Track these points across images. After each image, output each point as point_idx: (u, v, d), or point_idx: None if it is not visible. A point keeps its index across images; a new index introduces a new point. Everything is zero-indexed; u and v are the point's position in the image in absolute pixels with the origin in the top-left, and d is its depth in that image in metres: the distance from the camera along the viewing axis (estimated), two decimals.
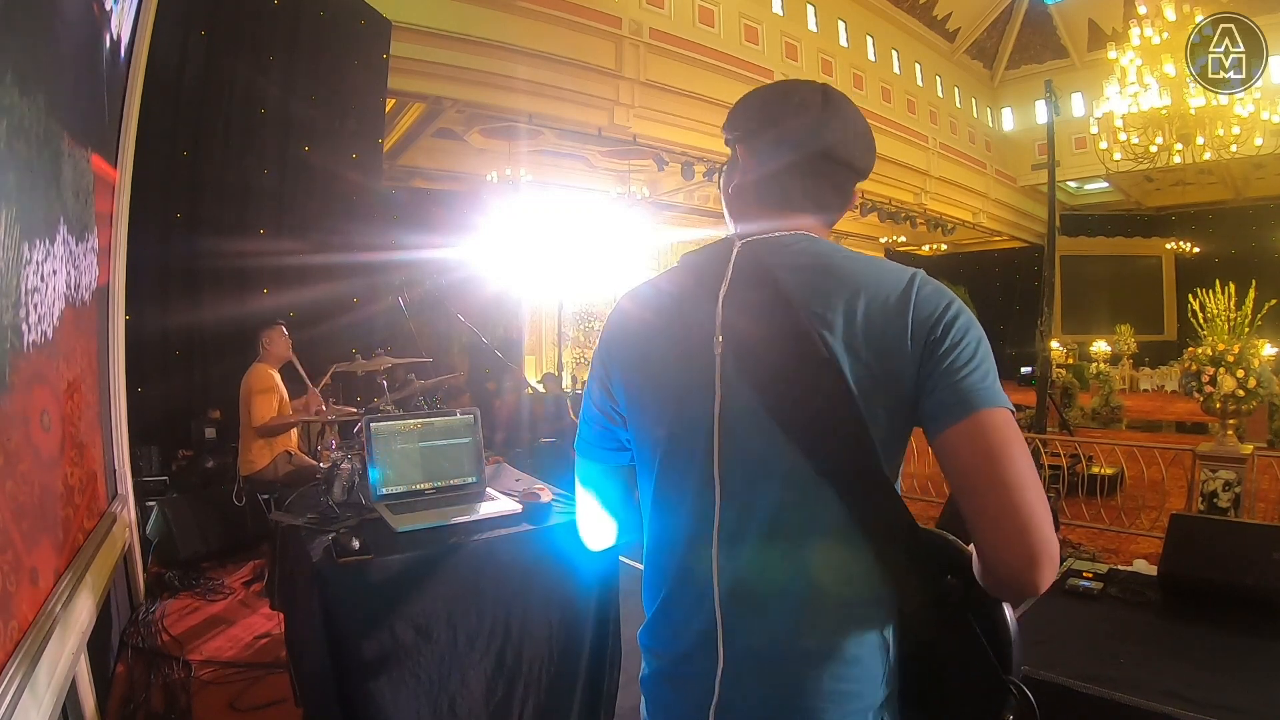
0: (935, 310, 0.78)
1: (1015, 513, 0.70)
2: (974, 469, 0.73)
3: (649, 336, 0.89)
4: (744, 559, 0.82)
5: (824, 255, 0.84)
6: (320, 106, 5.46)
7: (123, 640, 2.92)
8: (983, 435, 0.73)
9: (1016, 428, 0.76)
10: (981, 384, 0.75)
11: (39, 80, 1.65)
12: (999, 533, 0.71)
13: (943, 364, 0.76)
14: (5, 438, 1.39)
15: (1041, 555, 0.70)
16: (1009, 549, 0.71)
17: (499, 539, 1.91)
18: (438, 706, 1.76)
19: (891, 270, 0.82)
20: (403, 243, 6.33)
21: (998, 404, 0.75)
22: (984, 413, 0.74)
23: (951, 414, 0.75)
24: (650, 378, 0.88)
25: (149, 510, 3.79)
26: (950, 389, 0.75)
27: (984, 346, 0.78)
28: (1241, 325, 4.29)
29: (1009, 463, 0.72)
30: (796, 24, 10.90)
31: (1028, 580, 0.71)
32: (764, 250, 0.85)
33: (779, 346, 0.79)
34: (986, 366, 0.77)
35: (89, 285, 2.39)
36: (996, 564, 0.72)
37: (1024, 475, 0.72)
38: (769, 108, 0.90)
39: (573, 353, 12.18)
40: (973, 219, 14.97)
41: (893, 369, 0.77)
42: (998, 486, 0.71)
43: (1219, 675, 1.46)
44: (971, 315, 0.80)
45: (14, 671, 1.31)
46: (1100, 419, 10.63)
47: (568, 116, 8.16)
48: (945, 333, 0.77)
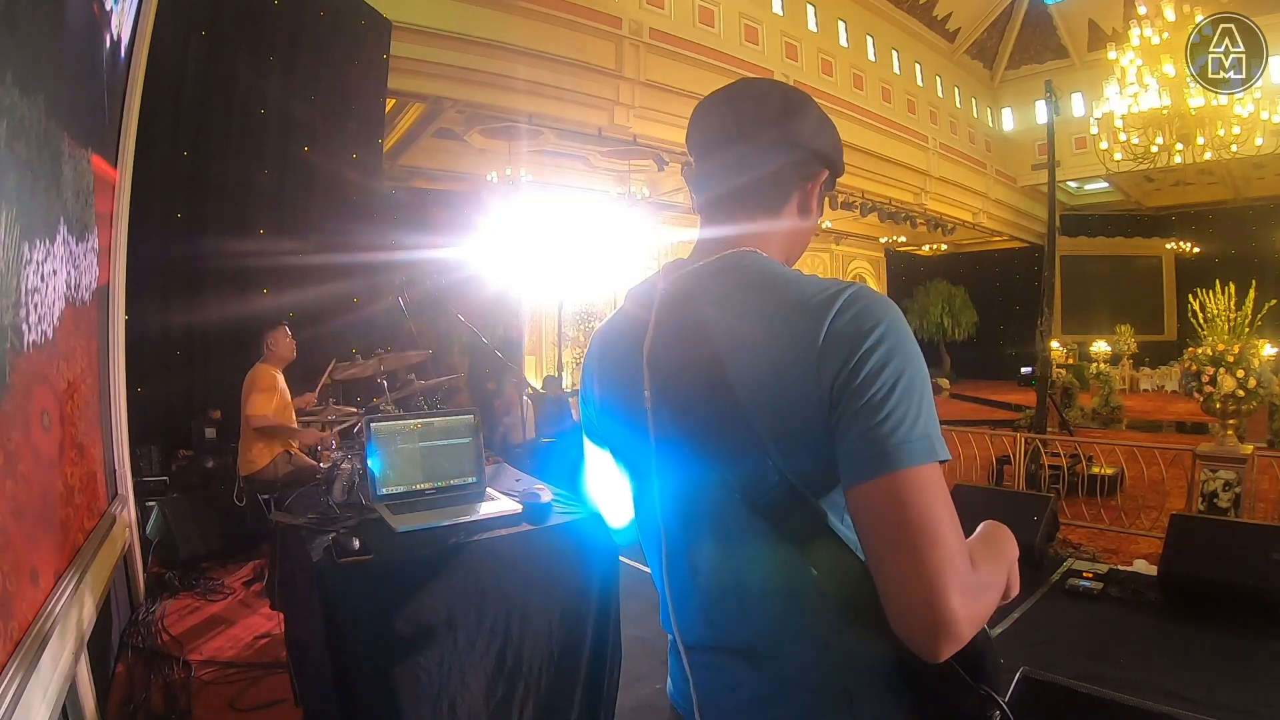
0: (851, 341, 0.68)
1: (920, 585, 0.63)
2: (882, 533, 0.66)
3: (604, 380, 0.91)
4: (686, 604, 0.83)
5: (749, 284, 0.78)
6: (320, 106, 5.46)
7: (123, 640, 2.92)
8: (894, 499, 0.65)
9: (940, 488, 0.66)
10: (895, 435, 0.65)
11: (39, 80, 1.65)
12: (900, 600, 0.65)
13: (852, 406, 0.67)
14: (5, 438, 1.39)
15: (940, 632, 0.63)
16: (907, 618, 0.65)
17: (499, 539, 1.91)
18: (438, 706, 1.76)
19: (814, 295, 0.72)
20: (403, 243, 6.34)
21: (915, 461, 0.65)
22: (898, 475, 0.65)
23: (860, 470, 0.66)
24: (609, 419, 0.91)
25: (149, 510, 3.79)
26: (862, 440, 0.66)
27: (909, 382, 0.67)
28: (1241, 325, 4.29)
29: (920, 533, 0.64)
30: (796, 24, 10.91)
31: (922, 650, 0.65)
32: (687, 285, 0.82)
33: (698, 400, 0.76)
34: (907, 409, 0.66)
35: (89, 285, 2.39)
36: (899, 632, 0.66)
37: (938, 549, 0.64)
38: (694, 127, 0.86)
39: (572, 353, 12.18)
40: (973, 219, 14.98)
41: (806, 416, 0.70)
42: (906, 556, 0.64)
43: (1219, 675, 1.46)
44: (903, 341, 0.69)
45: (14, 672, 1.31)
46: (1100, 419, 10.64)
47: (568, 116, 8.17)
48: (859, 368, 0.67)
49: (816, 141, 0.83)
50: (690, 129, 0.86)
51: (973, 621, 0.65)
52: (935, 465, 0.66)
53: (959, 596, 0.63)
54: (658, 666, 2.74)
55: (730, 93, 0.84)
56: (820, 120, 0.84)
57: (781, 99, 0.82)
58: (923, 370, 0.69)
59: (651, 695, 2.53)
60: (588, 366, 0.96)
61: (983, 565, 0.71)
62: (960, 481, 4.88)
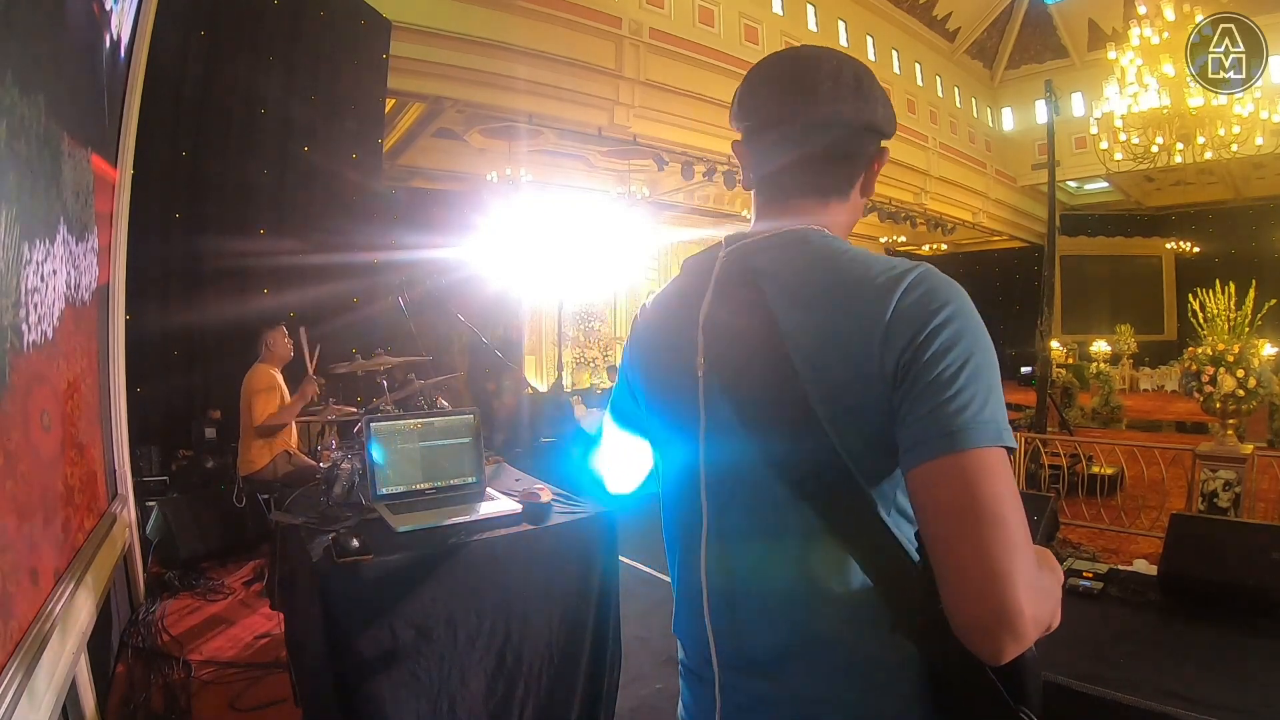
0: (918, 319, 0.66)
1: (984, 575, 0.59)
2: (945, 518, 0.62)
3: (653, 351, 0.89)
4: (725, 576, 0.80)
5: (814, 258, 0.75)
6: (320, 106, 5.46)
7: (123, 640, 2.92)
8: (960, 481, 0.61)
9: (1008, 475, 0.63)
10: (964, 414, 0.62)
11: (39, 80, 1.65)
12: (962, 592, 0.61)
13: (920, 382, 0.64)
14: (5, 438, 1.39)
15: (1003, 627, 0.59)
16: (968, 611, 0.60)
17: (499, 539, 1.91)
18: (438, 706, 1.76)
19: (882, 273, 0.70)
20: (403, 243, 6.33)
21: (983, 442, 0.62)
22: (965, 455, 0.61)
23: (924, 450, 0.63)
24: (654, 393, 0.89)
25: (149, 510, 3.79)
26: (927, 418, 0.63)
27: (978, 364, 0.65)
28: (1241, 325, 4.29)
29: (986, 521, 0.60)
30: (796, 24, 10.91)
31: (982, 650, 0.61)
32: (750, 255, 0.80)
33: (752, 364, 0.74)
34: (977, 390, 0.63)
35: (89, 285, 2.39)
36: (955, 623, 0.62)
37: (1004, 536, 0.59)
38: (750, 96, 0.82)
39: (573, 353, 12.18)
40: (973, 219, 14.98)
41: (861, 387, 0.67)
42: (970, 542, 0.60)
43: (1219, 675, 1.46)
44: (972, 322, 0.67)
45: (14, 671, 1.31)
46: (1100, 419, 10.63)
47: (568, 116, 8.16)
48: (926, 345, 0.64)
49: (885, 122, 0.81)
50: (748, 97, 0.82)
51: (1037, 623, 0.60)
52: (1003, 451, 0.63)
53: (1025, 590, 0.59)
54: (658, 666, 2.74)
55: (797, 65, 0.80)
56: (884, 96, 0.82)
57: (853, 78, 0.79)
58: (992, 355, 0.67)
59: (651, 695, 2.53)
60: (635, 335, 0.94)
61: (1046, 571, 0.67)
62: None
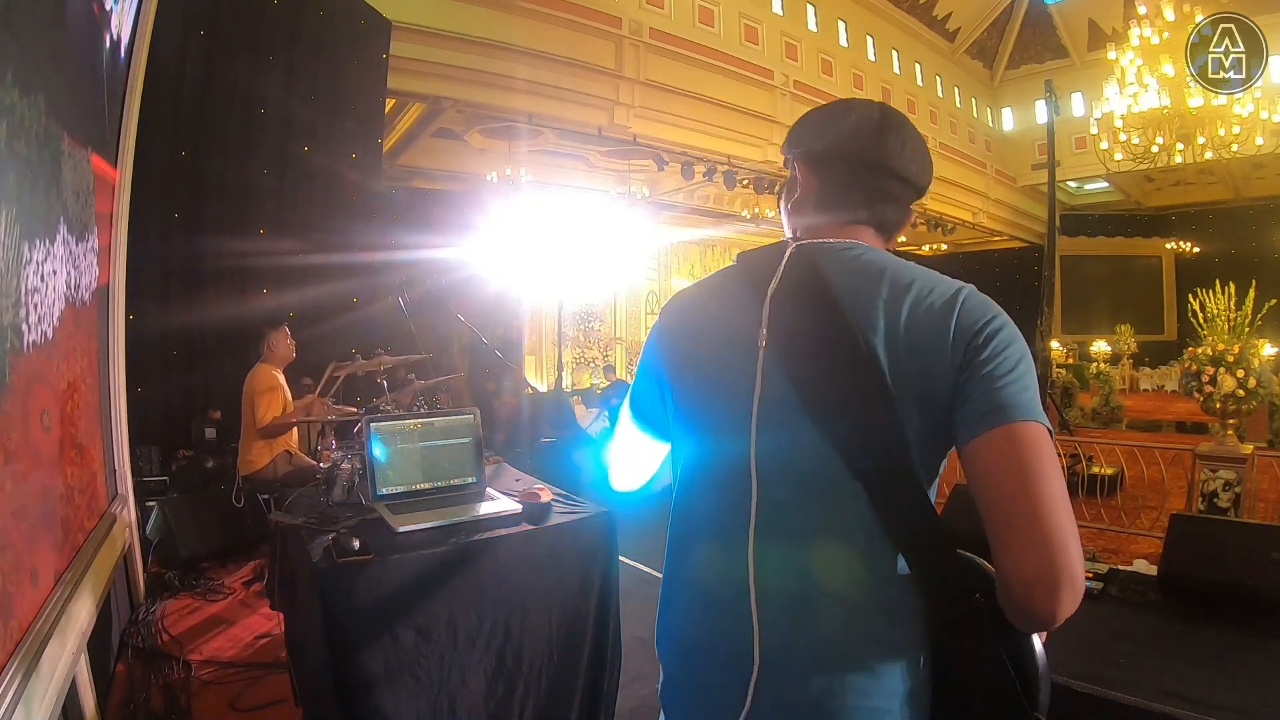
0: (980, 319, 0.78)
1: (1041, 528, 0.67)
2: (1002, 479, 0.71)
3: (698, 330, 0.92)
4: (778, 556, 0.80)
5: (875, 262, 0.85)
6: (320, 106, 5.46)
7: (123, 640, 2.92)
8: (1015, 446, 0.71)
9: (1052, 447, 0.73)
10: (1020, 396, 0.74)
11: (39, 80, 1.65)
12: (1022, 548, 0.68)
13: (981, 370, 0.75)
14: (5, 438, 1.39)
15: (1063, 578, 0.66)
16: (1029, 566, 0.67)
17: (499, 539, 1.91)
18: (438, 706, 1.76)
19: (941, 279, 0.83)
20: (403, 243, 6.33)
21: (1035, 418, 0.73)
22: (1019, 425, 0.72)
23: (984, 421, 0.73)
24: (697, 373, 0.90)
25: (149, 510, 3.79)
26: (986, 396, 0.74)
27: (1026, 362, 0.77)
28: (1241, 325, 4.29)
29: (1040, 478, 0.69)
30: (796, 24, 10.90)
31: (1043, 607, 0.67)
32: (816, 252, 0.87)
33: (821, 343, 0.80)
34: (1027, 381, 0.75)
35: (89, 285, 2.39)
36: (1015, 583, 0.69)
37: (1055, 493, 0.69)
38: (828, 125, 0.92)
39: (572, 353, 12.18)
40: (973, 219, 14.97)
41: (932, 371, 0.76)
42: (1025, 499, 0.69)
43: (1219, 675, 1.46)
44: (1017, 332, 0.79)
45: (14, 672, 1.31)
46: (1100, 419, 10.63)
47: (568, 116, 8.16)
48: (987, 342, 0.76)
49: (926, 187, 0.93)
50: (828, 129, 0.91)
51: (1083, 584, 0.67)
52: (1047, 430, 0.73)
53: (1076, 547, 0.67)
54: (657, 667, 2.74)
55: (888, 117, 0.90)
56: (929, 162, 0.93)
57: (923, 148, 0.91)
58: (1033, 362, 0.78)
59: (651, 695, 2.52)
60: (669, 322, 0.95)
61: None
62: (960, 482, 4.87)
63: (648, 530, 1.13)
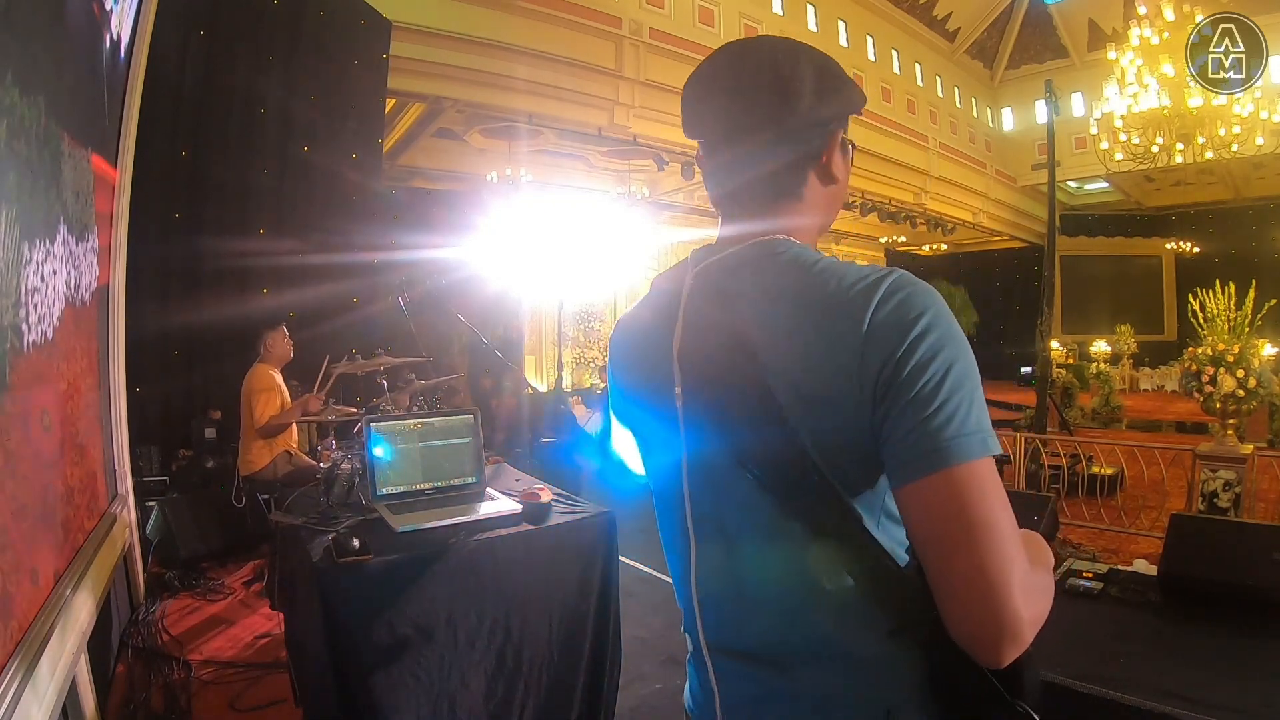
0: (895, 333, 0.64)
1: (981, 587, 0.61)
2: (938, 534, 0.63)
3: (632, 378, 0.87)
4: (724, 611, 0.80)
5: (782, 274, 0.73)
6: (320, 106, 5.46)
7: (123, 640, 2.92)
8: (951, 496, 0.62)
9: (995, 481, 0.63)
10: (948, 429, 0.62)
11: (39, 80, 1.65)
12: (961, 604, 0.62)
13: (900, 401, 0.63)
14: (5, 438, 1.39)
15: (1004, 635, 0.61)
16: (970, 620, 0.62)
17: (499, 539, 1.92)
18: (438, 706, 1.76)
19: (853, 285, 0.67)
20: (403, 243, 6.33)
21: (970, 456, 0.61)
22: (952, 471, 0.61)
23: (911, 468, 0.63)
24: (638, 417, 0.88)
25: (149, 510, 3.79)
26: (909, 438, 0.63)
27: (960, 372, 0.63)
28: (1241, 325, 4.29)
29: (980, 530, 0.61)
30: (796, 24, 10.91)
31: (983, 658, 0.63)
32: (718, 277, 0.77)
33: (733, 401, 0.73)
34: (958, 402, 0.62)
35: (89, 285, 2.39)
36: (955, 634, 0.63)
37: (997, 544, 0.61)
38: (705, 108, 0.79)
39: (573, 353, 12.18)
40: (973, 219, 14.98)
41: (847, 416, 0.66)
42: (964, 556, 0.61)
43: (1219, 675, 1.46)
44: (951, 329, 0.65)
45: (14, 671, 1.31)
46: (1100, 419, 10.63)
47: (568, 116, 8.16)
48: (906, 360, 0.63)
49: (824, 108, 0.76)
50: (687, 115, 0.80)
51: (1034, 624, 0.63)
52: (990, 461, 0.63)
53: (1021, 596, 0.61)
54: (658, 667, 2.74)
55: (721, 79, 0.78)
56: (820, 78, 0.76)
57: (773, 79, 0.75)
58: (972, 360, 0.65)
59: (651, 695, 2.53)
60: (613, 352, 0.92)
61: (1038, 569, 0.68)
62: None
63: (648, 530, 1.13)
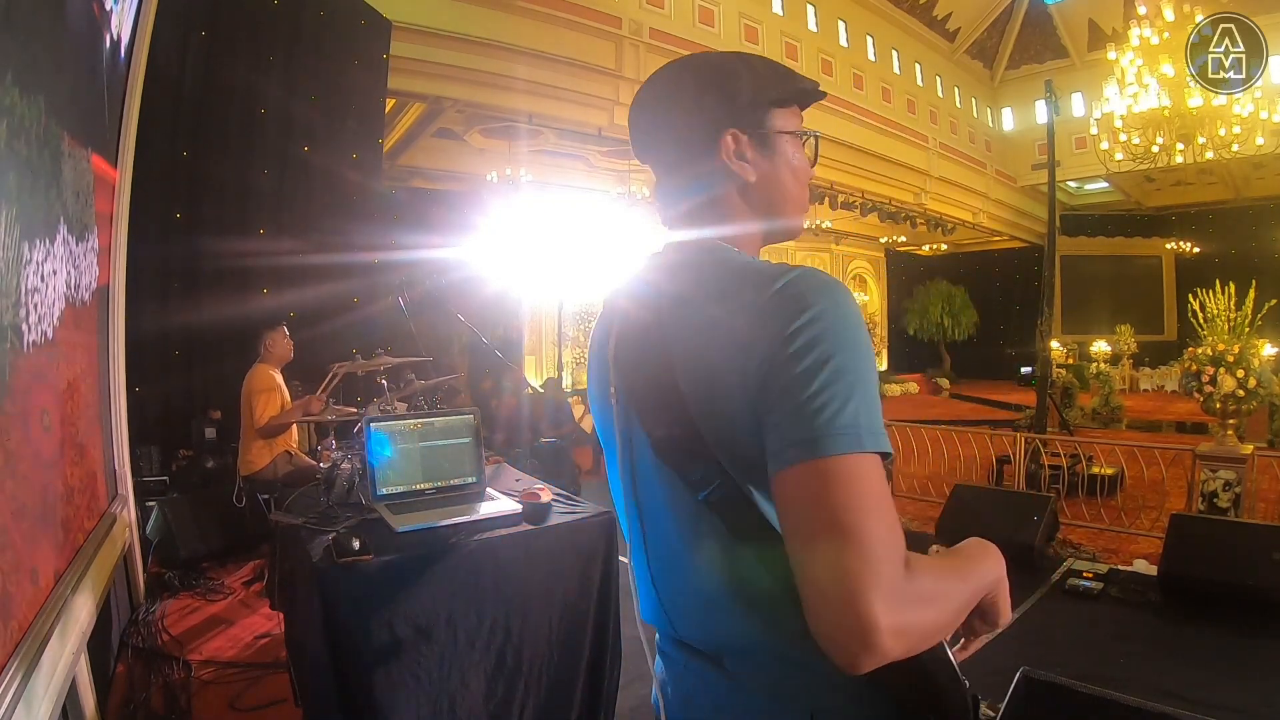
0: (781, 321, 0.63)
1: (835, 586, 0.56)
2: (796, 527, 0.60)
3: (590, 387, 0.91)
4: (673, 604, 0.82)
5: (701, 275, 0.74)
6: (320, 106, 5.46)
7: (123, 640, 2.92)
8: (812, 488, 0.59)
9: (870, 481, 0.59)
10: (818, 419, 0.59)
11: (39, 80, 1.65)
12: (816, 603, 0.58)
13: (777, 387, 0.62)
14: (5, 438, 1.39)
15: (856, 640, 0.56)
16: (823, 623, 0.58)
17: (499, 539, 1.91)
18: (438, 706, 1.76)
19: (758, 282, 0.67)
20: (403, 243, 6.34)
21: (838, 449, 0.59)
22: (817, 463, 0.59)
23: (780, 458, 0.61)
24: (597, 424, 0.91)
25: (149, 510, 3.79)
26: (782, 423, 0.61)
27: (839, 366, 0.61)
28: (1241, 325, 4.29)
29: (838, 527, 0.57)
30: (796, 24, 10.91)
31: (841, 663, 0.57)
32: (646, 283, 0.80)
33: (651, 403, 0.75)
34: (834, 395, 0.60)
35: (89, 285, 2.39)
36: (815, 635, 0.58)
37: (856, 543, 0.56)
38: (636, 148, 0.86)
39: (573, 353, 12.18)
40: (973, 219, 14.99)
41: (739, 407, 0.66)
42: (820, 551, 0.58)
43: (1219, 675, 1.46)
44: (838, 324, 0.63)
45: (14, 671, 1.31)
46: (1100, 419, 10.64)
47: (568, 116, 8.17)
48: (786, 347, 0.62)
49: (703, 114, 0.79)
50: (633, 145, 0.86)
51: (900, 634, 0.56)
52: (867, 457, 0.60)
53: (882, 602, 0.55)
54: None
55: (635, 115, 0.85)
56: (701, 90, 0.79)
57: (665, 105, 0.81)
58: (859, 358, 0.62)
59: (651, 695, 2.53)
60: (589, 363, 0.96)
61: (930, 576, 0.63)
62: (960, 481, 4.88)
63: None
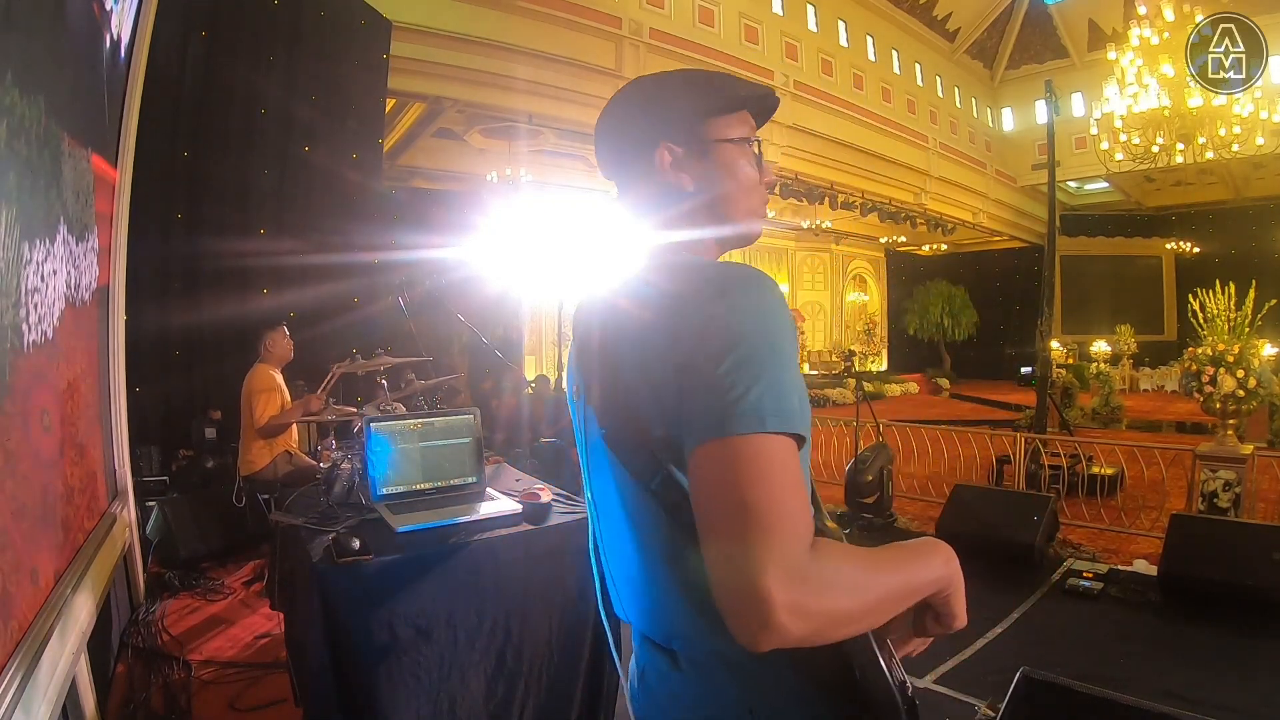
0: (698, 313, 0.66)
1: (734, 564, 0.57)
2: (699, 505, 0.61)
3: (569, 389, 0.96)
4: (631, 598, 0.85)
5: (647, 282, 0.76)
6: (320, 106, 5.46)
7: (123, 640, 2.92)
8: (715, 467, 0.60)
9: (777, 463, 0.60)
10: (723, 400, 0.61)
11: (39, 80, 1.65)
12: (718, 581, 0.59)
13: (694, 374, 0.64)
14: (5, 438, 1.39)
15: (754, 618, 0.56)
16: (724, 599, 0.58)
17: (499, 539, 1.91)
18: (438, 706, 1.76)
19: (684, 283, 0.70)
20: (403, 243, 6.34)
21: (742, 429, 0.59)
22: (721, 442, 0.60)
23: (689, 439, 0.62)
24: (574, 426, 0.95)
25: (149, 510, 3.79)
26: (691, 403, 0.63)
27: (749, 351, 0.62)
28: (1241, 325, 4.29)
29: (739, 506, 0.58)
30: (796, 24, 10.91)
31: (741, 639, 0.58)
32: (611, 289, 0.83)
33: (607, 401, 0.77)
34: (739, 377, 0.61)
35: (89, 285, 2.39)
36: (723, 615, 0.59)
37: (759, 520, 0.57)
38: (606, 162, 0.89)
39: None
40: (973, 219, 14.99)
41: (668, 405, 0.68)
42: (721, 529, 0.59)
43: (1219, 675, 1.46)
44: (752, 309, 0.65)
45: (14, 671, 1.31)
46: (1100, 419, 10.64)
47: (568, 116, 8.17)
48: (694, 337, 0.64)
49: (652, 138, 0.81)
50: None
51: (798, 613, 0.56)
52: (773, 437, 0.60)
53: (782, 583, 0.55)
54: None
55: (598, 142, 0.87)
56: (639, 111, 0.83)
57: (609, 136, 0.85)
58: (771, 343, 0.64)
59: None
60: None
61: (844, 562, 0.62)
62: (960, 481, 4.88)
63: None
